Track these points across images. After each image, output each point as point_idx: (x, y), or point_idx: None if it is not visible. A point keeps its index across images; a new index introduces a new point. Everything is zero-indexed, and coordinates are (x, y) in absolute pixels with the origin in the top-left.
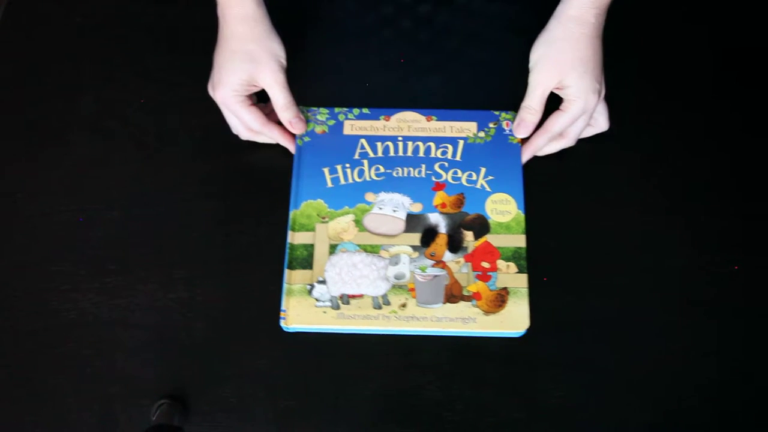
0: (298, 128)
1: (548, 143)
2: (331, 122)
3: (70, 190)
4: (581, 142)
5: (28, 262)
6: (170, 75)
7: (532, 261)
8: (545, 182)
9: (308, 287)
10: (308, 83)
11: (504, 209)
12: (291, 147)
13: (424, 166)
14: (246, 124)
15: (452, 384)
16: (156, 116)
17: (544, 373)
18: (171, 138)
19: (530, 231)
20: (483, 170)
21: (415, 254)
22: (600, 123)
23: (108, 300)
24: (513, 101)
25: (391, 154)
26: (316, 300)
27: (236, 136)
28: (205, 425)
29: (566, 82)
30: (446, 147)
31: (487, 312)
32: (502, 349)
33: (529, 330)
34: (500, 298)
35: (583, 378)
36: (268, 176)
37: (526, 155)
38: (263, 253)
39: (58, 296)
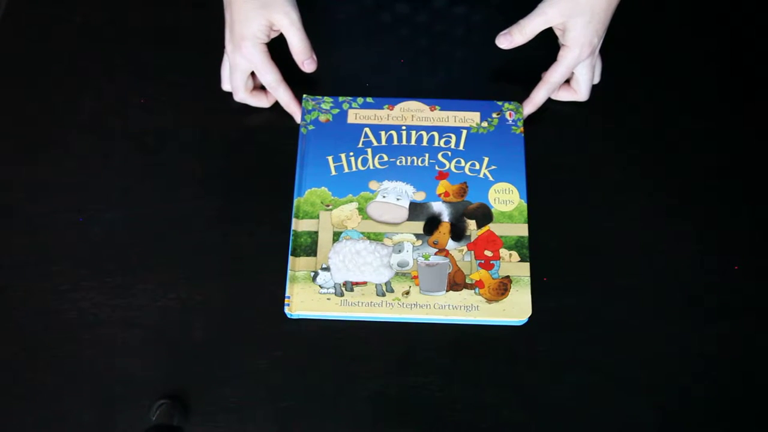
0: (310, 68)
1: (547, 96)
2: (336, 111)
3: (70, 190)
4: (583, 138)
5: (28, 262)
6: (170, 75)
7: (533, 255)
8: (548, 173)
9: (312, 274)
10: (308, 82)
11: (507, 198)
12: (297, 113)
13: (427, 155)
14: (265, 78)
15: (452, 384)
16: (156, 116)
17: (545, 372)
18: (171, 138)
19: (532, 220)
20: (486, 160)
21: (419, 242)
22: (596, 75)
23: (108, 300)
24: (516, 91)
25: (395, 143)
26: (320, 287)
27: (235, 134)
28: (205, 425)
29: (570, 24)
30: (449, 136)
31: (489, 300)
32: (503, 349)
33: (529, 329)
34: (503, 287)
35: (583, 378)
36: (270, 170)
37: (527, 109)
38: (264, 252)
39: (58, 296)
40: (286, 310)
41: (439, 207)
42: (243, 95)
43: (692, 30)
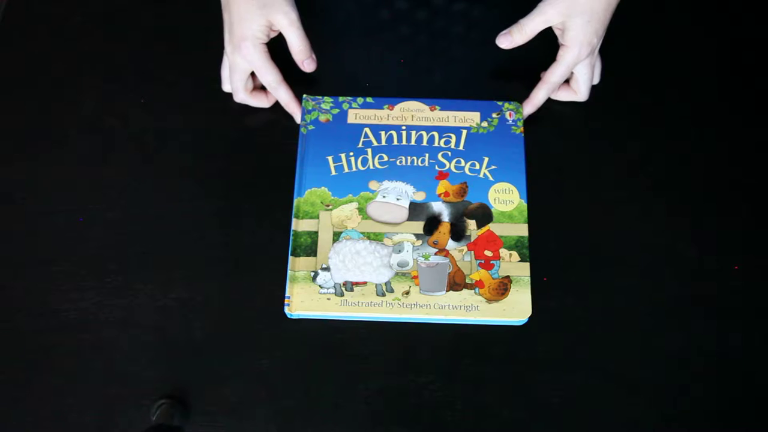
0: (310, 67)
1: (547, 96)
2: (336, 111)
3: (70, 190)
4: (583, 138)
5: (28, 262)
6: (170, 75)
7: (533, 255)
8: (548, 173)
9: (312, 274)
10: (308, 82)
11: (507, 198)
12: (297, 113)
13: (427, 155)
14: (265, 79)
15: (452, 384)
16: (156, 116)
17: (545, 372)
18: (171, 138)
19: (532, 220)
20: (486, 160)
21: (418, 242)
22: (596, 75)
23: (108, 300)
24: (516, 91)
25: (395, 143)
26: (320, 287)
27: (235, 134)
28: (205, 425)
29: (569, 24)
30: (449, 136)
31: (489, 300)
32: (503, 349)
33: (529, 329)
34: (503, 287)
35: (583, 378)
36: (270, 170)
37: (527, 109)
38: (264, 252)
39: (58, 296)
40: (286, 310)
41: (439, 207)
42: (243, 96)
43: (692, 30)
